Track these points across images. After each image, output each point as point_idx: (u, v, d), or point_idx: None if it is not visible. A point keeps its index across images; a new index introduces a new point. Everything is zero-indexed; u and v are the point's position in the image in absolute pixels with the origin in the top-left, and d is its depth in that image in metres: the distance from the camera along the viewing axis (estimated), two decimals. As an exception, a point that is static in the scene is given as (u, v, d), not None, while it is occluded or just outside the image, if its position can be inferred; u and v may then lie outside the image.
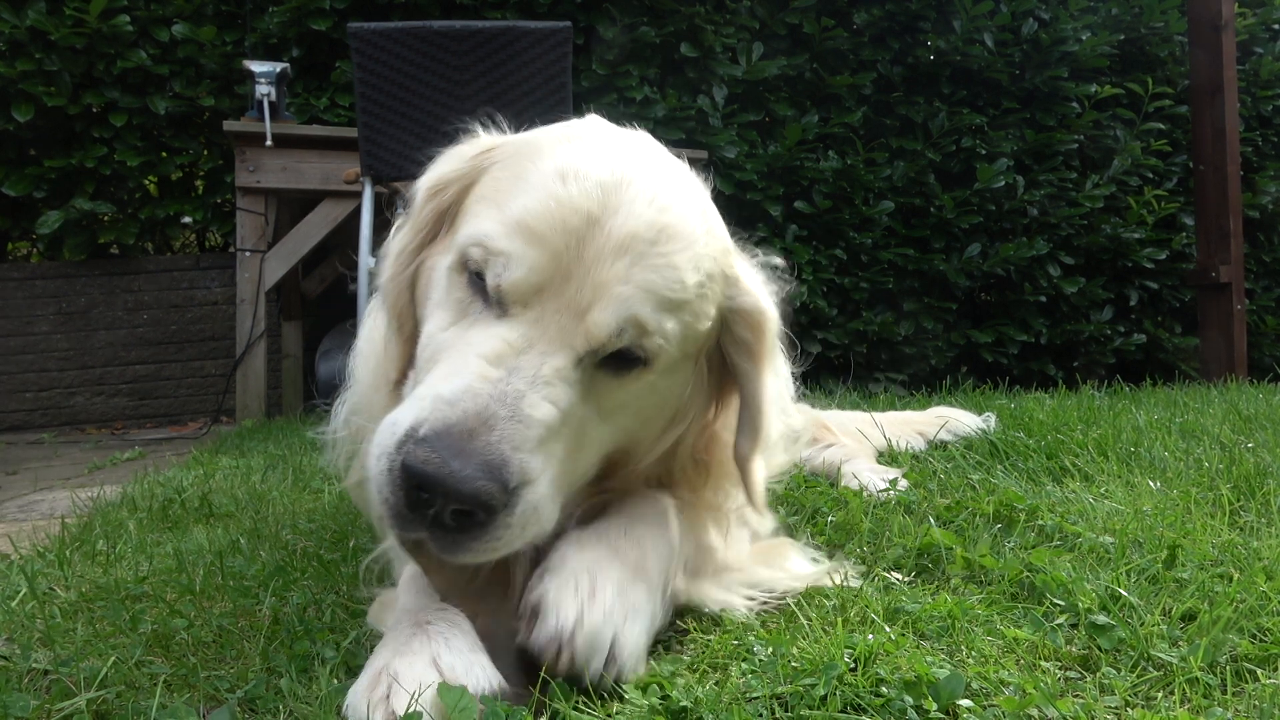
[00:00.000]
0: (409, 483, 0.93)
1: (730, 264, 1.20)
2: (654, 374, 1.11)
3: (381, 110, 3.77)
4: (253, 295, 4.70)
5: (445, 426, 0.94)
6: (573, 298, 1.03)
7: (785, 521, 1.79)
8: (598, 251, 1.03)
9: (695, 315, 1.12)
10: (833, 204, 5.71)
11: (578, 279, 1.03)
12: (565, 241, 1.03)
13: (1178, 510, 1.73)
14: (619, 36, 5.44)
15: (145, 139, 5.23)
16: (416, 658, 0.96)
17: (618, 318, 1.03)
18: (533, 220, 1.04)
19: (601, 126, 1.25)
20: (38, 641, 1.22)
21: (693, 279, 1.09)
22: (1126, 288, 6.42)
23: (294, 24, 5.15)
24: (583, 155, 1.11)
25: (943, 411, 2.97)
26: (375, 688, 0.93)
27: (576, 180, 1.07)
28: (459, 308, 1.10)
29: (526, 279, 1.03)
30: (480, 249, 1.06)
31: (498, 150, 1.22)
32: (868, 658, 1.02)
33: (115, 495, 2.43)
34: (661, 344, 1.07)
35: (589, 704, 0.98)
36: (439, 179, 1.25)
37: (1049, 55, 6.19)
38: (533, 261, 1.03)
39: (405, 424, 0.97)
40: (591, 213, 1.05)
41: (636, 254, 1.05)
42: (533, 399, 0.99)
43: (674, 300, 1.07)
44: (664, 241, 1.07)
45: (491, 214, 1.09)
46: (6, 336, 5.11)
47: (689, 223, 1.11)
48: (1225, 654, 1.07)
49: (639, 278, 1.04)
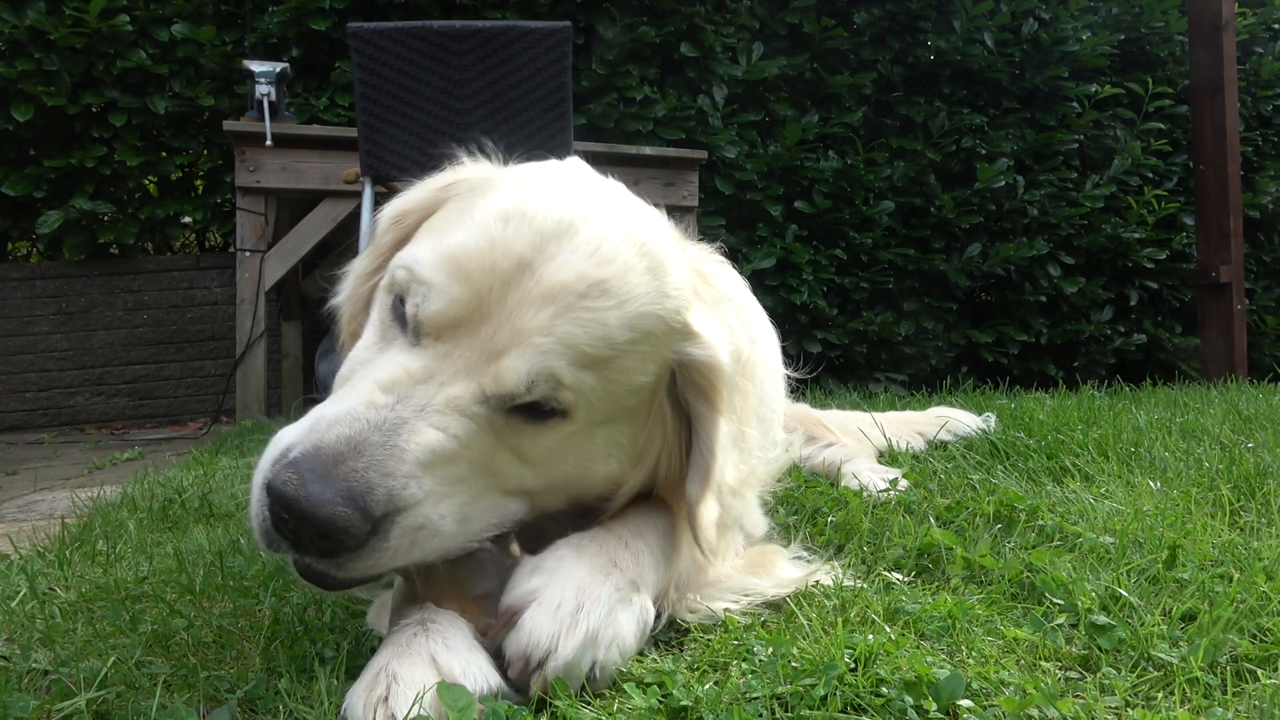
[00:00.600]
0: (273, 504, 0.93)
1: (683, 319, 1.15)
2: (576, 425, 1.07)
3: (381, 110, 3.77)
4: (252, 295, 4.70)
5: (314, 449, 0.94)
6: (488, 338, 1.01)
7: (784, 521, 1.79)
8: (522, 297, 1.01)
9: (624, 372, 1.08)
10: (833, 204, 5.71)
11: (496, 321, 1.01)
12: (490, 282, 1.02)
13: (1178, 510, 1.73)
14: (619, 36, 5.44)
15: (145, 139, 5.22)
16: (416, 658, 0.96)
17: (530, 369, 1.01)
18: (463, 256, 1.03)
19: (573, 171, 1.23)
20: (38, 641, 1.22)
21: (623, 336, 1.06)
22: (1127, 288, 6.42)
23: (294, 24, 5.15)
24: (533, 198, 1.08)
25: (943, 411, 2.98)
26: (374, 689, 0.93)
27: (517, 222, 1.05)
28: (382, 328, 1.11)
29: (444, 312, 1.02)
30: (406, 273, 1.06)
31: (461, 184, 1.22)
32: (868, 658, 1.02)
33: (115, 495, 2.43)
34: (578, 399, 1.04)
35: (590, 702, 0.98)
36: (402, 208, 1.26)
37: (1049, 55, 6.19)
38: (454, 296, 1.02)
39: (284, 443, 0.98)
40: (524, 257, 1.03)
41: (563, 305, 1.02)
42: (416, 425, 0.98)
43: (596, 357, 1.04)
44: (595, 296, 1.04)
45: (429, 243, 1.08)
46: (6, 336, 5.11)
47: (629, 279, 1.07)
48: (1225, 654, 1.07)
49: (560, 330, 1.01)
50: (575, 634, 1.00)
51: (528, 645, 0.99)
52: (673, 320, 1.13)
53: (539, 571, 1.07)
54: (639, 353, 1.09)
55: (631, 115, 5.45)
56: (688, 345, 1.15)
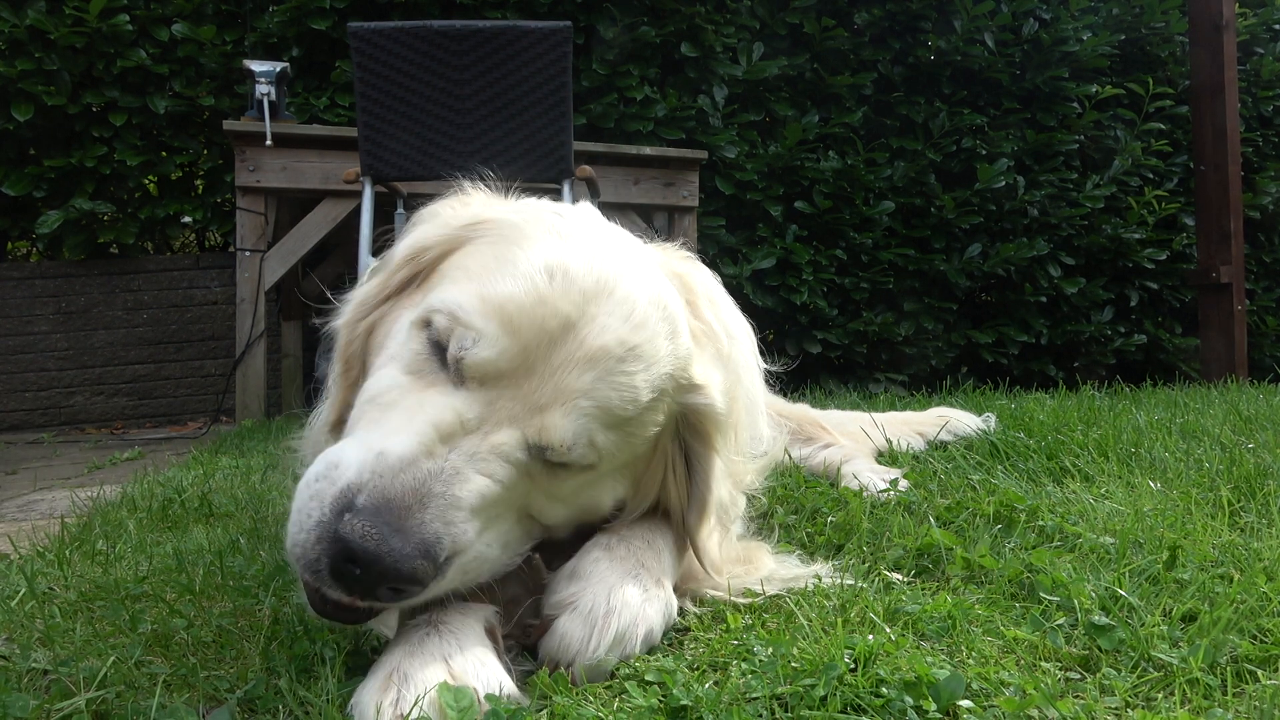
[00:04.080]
0: (341, 554, 0.94)
1: (688, 372, 1.22)
2: (597, 473, 1.15)
3: (381, 110, 3.77)
4: (252, 295, 4.70)
5: (384, 500, 0.96)
6: (531, 392, 1.06)
7: (784, 521, 1.79)
8: (567, 357, 1.06)
9: (641, 426, 1.16)
10: (833, 204, 5.71)
11: (540, 377, 1.06)
12: (538, 339, 1.06)
13: (1178, 511, 1.73)
14: (619, 36, 5.44)
15: (145, 138, 5.22)
16: (429, 658, 0.97)
17: (575, 431, 1.06)
18: (513, 309, 1.06)
19: (591, 220, 1.28)
20: (37, 641, 1.21)
21: (646, 397, 1.13)
22: (1127, 288, 6.42)
23: (294, 23, 5.15)
24: (571, 254, 1.13)
25: (943, 412, 2.97)
26: (386, 690, 0.94)
27: (561, 279, 1.09)
28: (414, 361, 1.12)
29: (493, 362, 1.05)
30: (448, 317, 1.08)
31: (485, 225, 1.24)
32: (868, 658, 1.02)
33: (115, 495, 2.43)
34: (605, 454, 1.11)
35: (591, 700, 0.98)
36: (421, 243, 1.27)
37: (1050, 55, 6.19)
38: (504, 347, 1.05)
39: (343, 479, 0.98)
40: (570, 317, 1.07)
41: (604, 370, 1.08)
42: (468, 474, 1.02)
43: (624, 418, 1.11)
44: (630, 361, 1.10)
45: (470, 287, 1.10)
46: (6, 336, 5.11)
47: (656, 342, 1.14)
48: (1225, 655, 1.07)
49: (600, 394, 1.08)
50: (605, 636, 1.07)
51: (558, 651, 1.06)
52: (681, 376, 1.21)
53: (576, 577, 1.14)
54: (656, 408, 1.17)
55: (632, 115, 5.45)
56: (691, 396, 1.23)
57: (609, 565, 1.16)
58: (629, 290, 1.13)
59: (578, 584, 1.13)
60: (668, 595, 1.18)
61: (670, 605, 1.18)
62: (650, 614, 1.12)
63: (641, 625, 1.10)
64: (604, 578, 1.13)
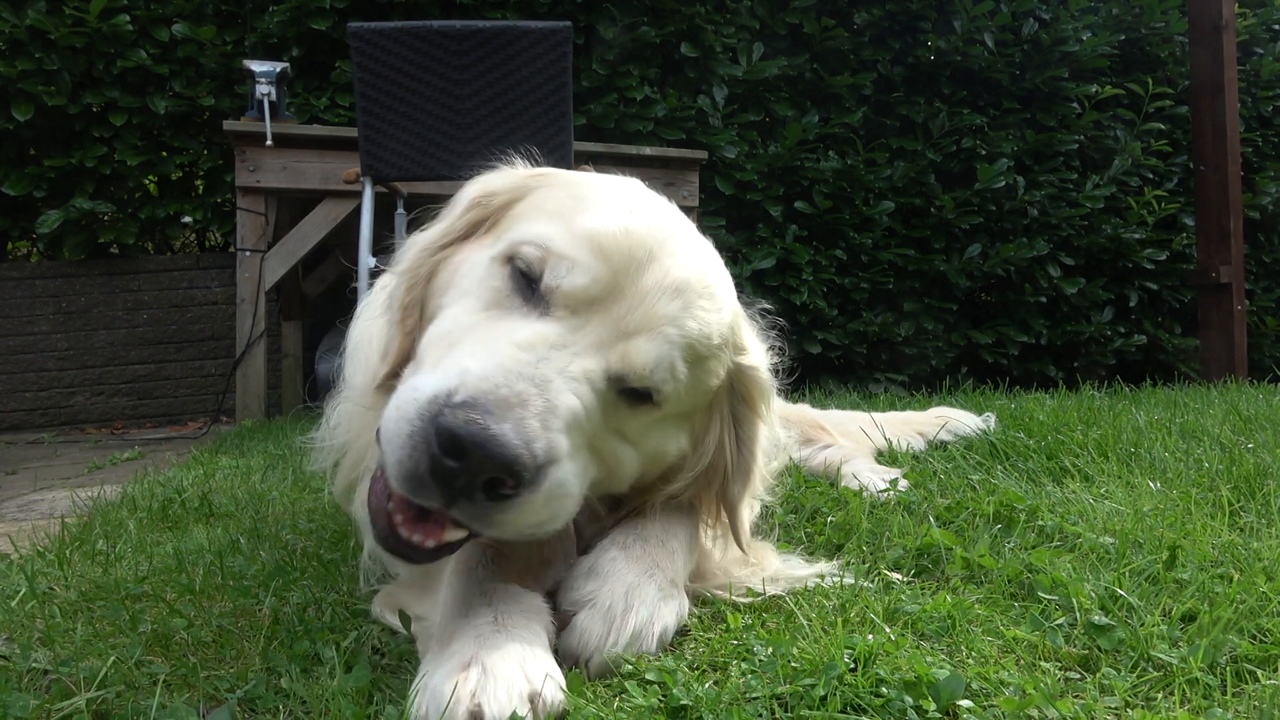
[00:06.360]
0: (443, 445, 0.91)
1: (740, 331, 1.26)
2: (662, 413, 1.15)
3: (381, 110, 3.77)
4: (253, 295, 4.70)
5: (482, 394, 0.94)
6: (619, 319, 1.07)
7: (783, 521, 1.79)
8: (654, 285, 1.09)
9: (708, 373, 1.18)
10: (833, 204, 5.71)
11: (629, 303, 1.08)
12: (628, 266, 1.08)
13: (1178, 511, 1.73)
14: (619, 36, 5.44)
15: (145, 138, 5.22)
16: (507, 656, 0.95)
17: (658, 355, 1.08)
18: (603, 237, 1.09)
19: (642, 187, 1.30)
20: (38, 641, 1.22)
21: (717, 340, 1.16)
22: (1127, 288, 6.42)
23: (294, 23, 5.15)
24: (640, 201, 1.18)
25: (943, 412, 2.98)
26: (466, 680, 0.91)
27: (642, 215, 1.13)
28: (494, 296, 1.11)
29: (586, 288, 1.07)
30: (538, 249, 1.09)
31: (549, 177, 1.28)
32: (868, 658, 1.02)
33: (115, 495, 2.43)
34: (676, 390, 1.12)
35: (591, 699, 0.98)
36: (488, 188, 1.28)
37: (1049, 55, 6.20)
38: (597, 273, 1.07)
39: (431, 390, 0.95)
40: (653, 249, 1.11)
41: (688, 300, 1.11)
42: (559, 385, 1.01)
43: (700, 354, 1.14)
44: (708, 298, 1.14)
45: (554, 223, 1.12)
46: (6, 336, 5.11)
47: (725, 289, 1.20)
48: (1225, 655, 1.07)
49: (685, 323, 1.10)
50: (623, 635, 1.08)
51: (578, 646, 1.07)
52: (736, 333, 1.25)
53: (594, 575, 1.15)
54: (718, 358, 1.19)
55: (632, 115, 5.45)
56: (741, 357, 1.26)
57: (626, 564, 1.16)
58: (690, 238, 1.19)
59: (595, 581, 1.13)
60: (681, 596, 1.19)
61: (683, 606, 1.19)
62: (665, 613, 1.13)
63: (657, 624, 1.11)
64: (622, 576, 1.14)
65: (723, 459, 1.29)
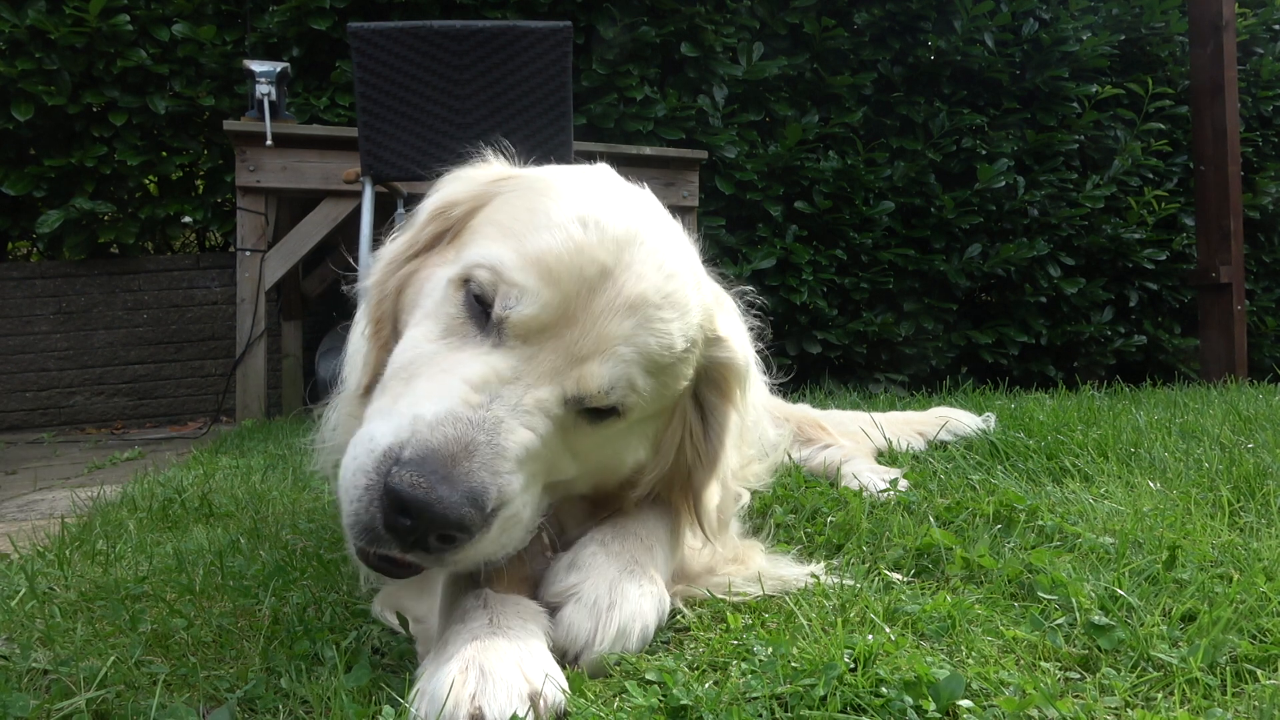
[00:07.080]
0: (392, 506, 0.94)
1: (714, 324, 1.24)
2: (625, 424, 1.15)
3: (381, 110, 3.77)
4: (253, 295, 4.70)
5: (429, 451, 0.96)
6: (572, 343, 1.06)
7: (782, 520, 1.79)
8: (606, 305, 1.07)
9: (674, 377, 1.17)
10: (833, 204, 5.71)
11: (581, 327, 1.06)
12: (578, 288, 1.06)
13: (1178, 511, 1.73)
14: (619, 36, 5.44)
15: (145, 138, 5.23)
16: (505, 658, 0.96)
17: (613, 377, 1.07)
18: (551, 260, 1.06)
19: (612, 177, 1.28)
20: (38, 641, 1.22)
21: (680, 346, 1.13)
22: (1127, 288, 6.42)
23: (294, 23, 5.15)
24: (600, 205, 1.13)
25: (943, 412, 2.97)
26: (464, 682, 0.91)
27: (596, 229, 1.09)
28: (449, 323, 1.11)
29: (536, 317, 1.05)
30: (490, 273, 1.08)
31: (511, 181, 1.25)
32: (868, 658, 1.02)
33: (115, 495, 2.43)
34: (640, 401, 1.12)
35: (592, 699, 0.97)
36: (448, 199, 1.27)
37: (1049, 55, 6.20)
38: (546, 300, 1.05)
39: (384, 443, 0.98)
40: (606, 265, 1.08)
41: (643, 317, 1.08)
42: (511, 424, 1.02)
43: (663, 364, 1.12)
44: (666, 308, 1.11)
45: (508, 242, 1.10)
46: (6, 336, 5.11)
47: (687, 291, 1.15)
48: (1225, 655, 1.07)
49: (640, 340, 1.08)
50: (609, 630, 1.07)
51: (566, 640, 1.07)
52: (708, 328, 1.22)
53: (575, 569, 1.14)
54: (687, 359, 1.18)
55: (631, 115, 5.45)
56: (716, 350, 1.24)
57: (606, 559, 1.16)
58: (658, 240, 1.14)
59: (577, 575, 1.13)
60: (661, 592, 1.19)
61: (664, 602, 1.18)
62: (646, 609, 1.13)
63: (638, 620, 1.10)
64: (603, 571, 1.14)
65: (684, 457, 1.29)
